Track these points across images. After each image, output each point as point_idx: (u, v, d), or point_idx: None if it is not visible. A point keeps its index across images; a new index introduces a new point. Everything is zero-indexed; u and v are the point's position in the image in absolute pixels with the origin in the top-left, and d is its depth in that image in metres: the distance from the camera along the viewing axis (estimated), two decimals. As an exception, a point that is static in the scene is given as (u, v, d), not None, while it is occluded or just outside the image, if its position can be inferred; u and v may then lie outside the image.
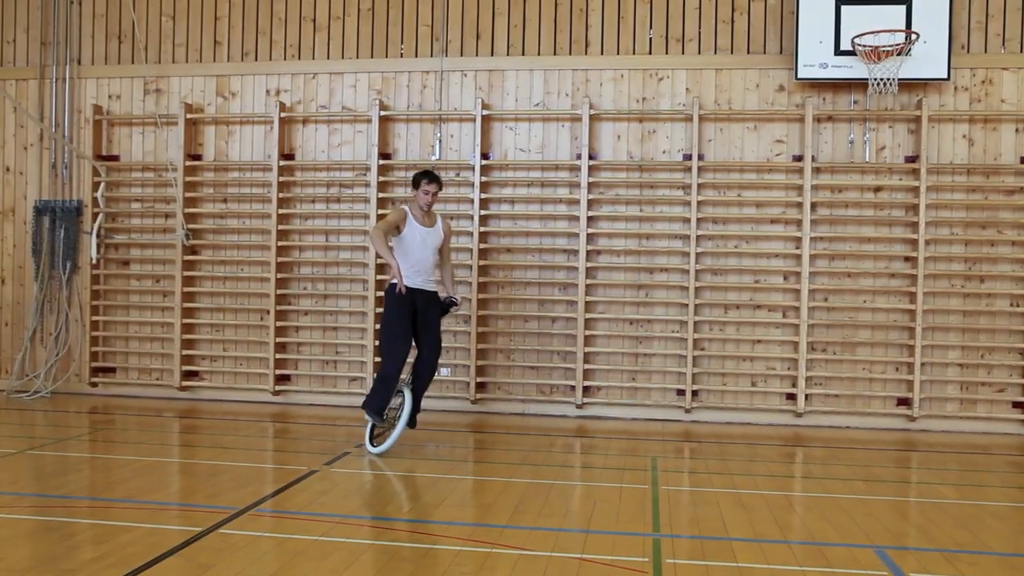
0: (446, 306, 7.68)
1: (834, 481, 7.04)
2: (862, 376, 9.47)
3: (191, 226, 10.34)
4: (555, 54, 9.93)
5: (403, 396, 7.47)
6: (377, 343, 9.06)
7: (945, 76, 9.11)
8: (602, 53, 9.87)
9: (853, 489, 6.70)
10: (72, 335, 10.63)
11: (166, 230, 10.48)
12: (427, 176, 7.56)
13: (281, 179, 10.19)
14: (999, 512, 6.23)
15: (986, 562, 4.96)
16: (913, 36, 8.89)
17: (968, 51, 9.37)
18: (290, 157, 10.30)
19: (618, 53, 9.84)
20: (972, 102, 9.38)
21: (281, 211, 10.19)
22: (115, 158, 10.65)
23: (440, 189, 7.70)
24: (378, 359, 9.14)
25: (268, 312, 10.20)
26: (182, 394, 10.42)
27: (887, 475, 7.39)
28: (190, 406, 10.11)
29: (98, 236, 10.44)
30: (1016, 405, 9.30)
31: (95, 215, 10.49)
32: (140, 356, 10.62)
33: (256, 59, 10.41)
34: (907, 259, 9.40)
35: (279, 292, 10.19)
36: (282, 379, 10.30)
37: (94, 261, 10.48)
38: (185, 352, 10.39)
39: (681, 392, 9.65)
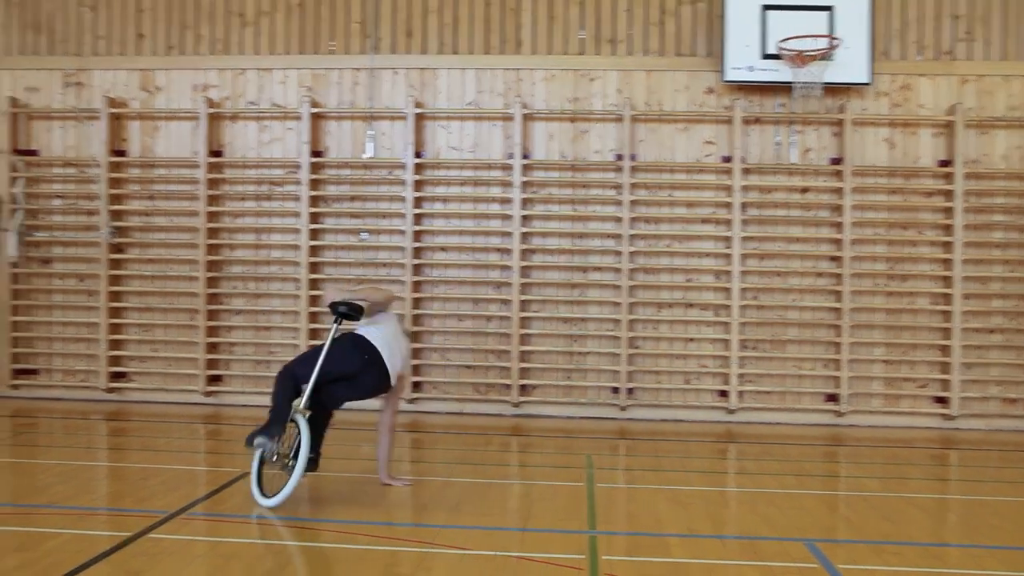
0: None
1: (765, 476, 7.19)
2: (791, 373, 9.68)
3: (116, 223, 10.08)
4: (487, 53, 9.93)
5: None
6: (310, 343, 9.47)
7: (867, 81, 9.36)
8: (534, 53, 9.90)
9: (784, 484, 6.85)
10: (-10, 336, 10.27)
11: (89, 228, 10.19)
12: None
13: (210, 176, 9.99)
14: (921, 504, 6.43)
15: (909, 552, 5.12)
16: (835, 41, 9.11)
17: (889, 57, 9.64)
18: (218, 154, 10.10)
19: (550, 53, 9.89)
20: (892, 107, 9.66)
21: (210, 209, 9.99)
22: (34, 153, 10.31)
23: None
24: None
25: (198, 312, 9.99)
26: (109, 396, 10.14)
27: (816, 470, 7.58)
28: (118, 408, 9.85)
29: (18, 233, 10.11)
30: (937, 400, 9.60)
31: (14, 211, 10.15)
32: (64, 357, 10.30)
33: (182, 53, 10.19)
34: (833, 258, 9.64)
35: (209, 291, 9.99)
36: (213, 380, 10.10)
37: (14, 259, 10.14)
38: (112, 353, 10.11)
39: (616, 390, 9.74)
